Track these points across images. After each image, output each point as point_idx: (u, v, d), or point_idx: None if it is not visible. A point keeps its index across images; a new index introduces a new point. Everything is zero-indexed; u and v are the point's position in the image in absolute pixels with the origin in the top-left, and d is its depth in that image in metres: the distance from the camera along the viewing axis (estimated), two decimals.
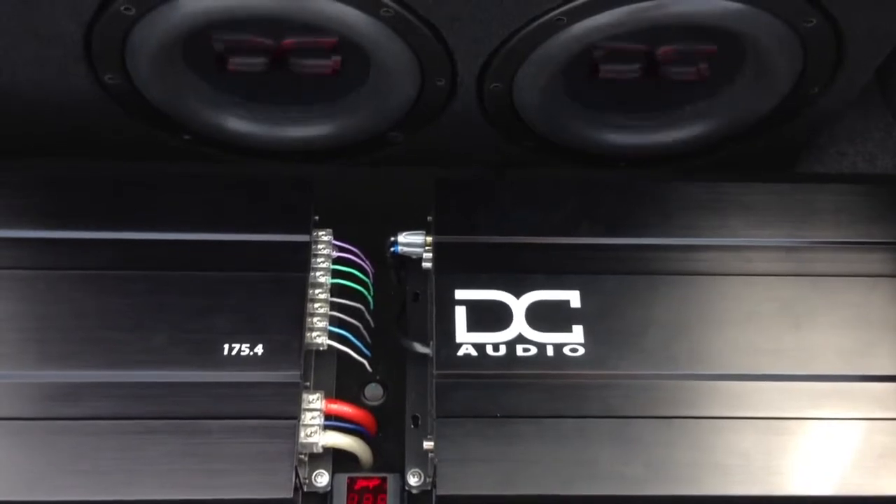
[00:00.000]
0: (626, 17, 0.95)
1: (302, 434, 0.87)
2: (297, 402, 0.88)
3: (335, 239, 1.01)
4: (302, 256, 0.96)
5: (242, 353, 0.90)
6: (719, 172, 1.21)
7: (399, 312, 1.02)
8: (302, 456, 0.89)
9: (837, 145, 1.28)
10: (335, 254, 1.01)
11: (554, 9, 0.94)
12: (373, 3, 0.95)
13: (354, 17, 0.96)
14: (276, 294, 0.94)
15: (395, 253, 1.01)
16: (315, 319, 0.95)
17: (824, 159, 1.27)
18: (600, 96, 1.14)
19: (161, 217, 0.98)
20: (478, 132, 1.16)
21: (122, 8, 0.95)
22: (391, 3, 0.95)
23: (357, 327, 0.98)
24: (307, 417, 0.88)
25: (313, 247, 0.99)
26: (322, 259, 0.99)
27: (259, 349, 0.90)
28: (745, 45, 1.02)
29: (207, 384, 0.89)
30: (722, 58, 1.08)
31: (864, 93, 1.20)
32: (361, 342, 0.98)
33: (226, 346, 0.90)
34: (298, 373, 0.89)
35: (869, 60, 1.03)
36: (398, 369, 0.99)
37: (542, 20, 0.96)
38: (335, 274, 0.99)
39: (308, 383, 0.93)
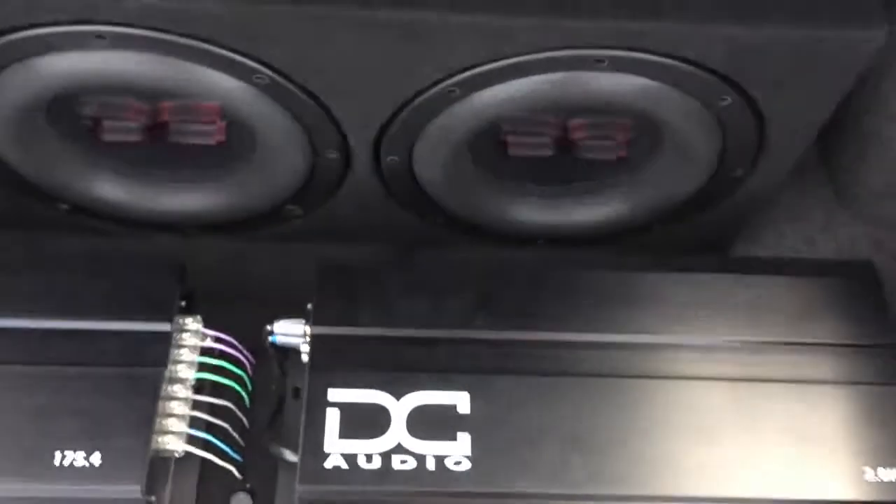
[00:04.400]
0: (524, 91, 0.86)
1: None
2: None
3: (212, 326, 0.92)
4: (159, 348, 0.86)
5: (76, 464, 0.78)
6: (645, 254, 1.12)
7: (274, 411, 0.91)
8: None
9: (776, 224, 1.19)
10: (205, 344, 0.91)
11: (443, 80, 0.86)
12: (245, 70, 0.86)
13: (226, 83, 0.87)
14: (125, 392, 0.83)
15: (273, 343, 0.92)
16: (170, 421, 0.84)
17: (763, 240, 1.18)
18: (512, 170, 1.05)
19: (1, 301, 0.87)
20: (381, 208, 1.06)
21: None
22: (264, 70, 0.86)
23: (224, 429, 0.88)
24: None
25: (176, 336, 0.89)
26: (187, 350, 0.89)
27: (96, 458, 0.79)
28: (658, 123, 0.94)
29: (35, 500, 0.78)
30: (639, 134, 1.00)
31: (803, 167, 1.12)
32: (230, 445, 0.87)
33: (58, 455, 0.79)
34: (138, 487, 0.78)
35: (795, 144, 0.94)
36: (273, 476, 0.89)
37: (431, 91, 0.87)
38: (203, 367, 0.89)
39: (153, 498, 0.81)
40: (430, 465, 0.81)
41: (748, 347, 0.90)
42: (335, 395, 0.84)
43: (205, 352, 0.90)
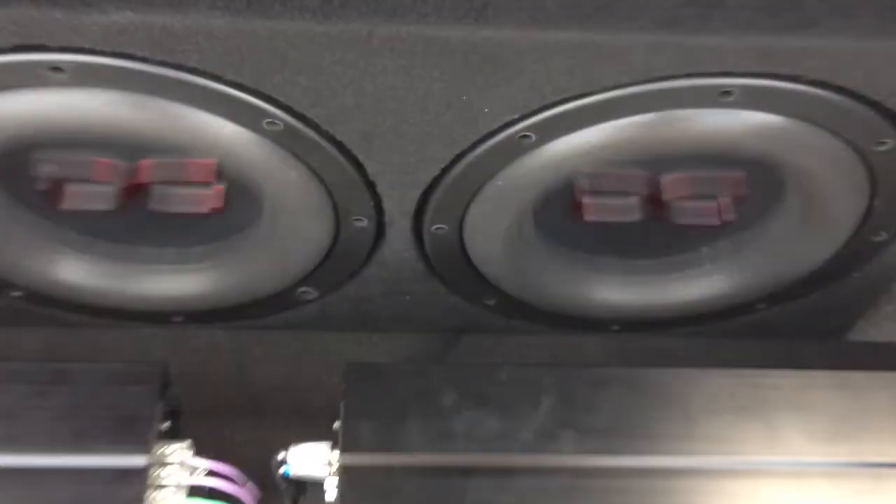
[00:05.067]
0: (619, 137, 0.67)
1: None
2: None
3: (203, 452, 0.72)
4: (131, 491, 0.65)
5: None
6: (743, 340, 0.91)
7: None
8: None
9: None
10: (194, 479, 0.70)
11: (515, 122, 0.66)
12: (251, 112, 0.67)
13: (226, 132, 0.68)
14: None
15: (286, 476, 0.70)
16: None
17: (881, 321, 0.97)
18: (586, 240, 0.87)
19: None
20: (421, 289, 0.87)
21: None
22: (277, 112, 0.67)
23: None
24: None
25: (155, 472, 0.68)
26: (170, 491, 0.68)
27: None
28: (785, 173, 0.74)
29: None
30: (752, 190, 0.80)
31: None
32: None
33: None
34: None
35: None
36: None
37: (497, 138, 0.68)
38: None
39: None
40: None
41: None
42: None
43: (194, 491, 0.70)
